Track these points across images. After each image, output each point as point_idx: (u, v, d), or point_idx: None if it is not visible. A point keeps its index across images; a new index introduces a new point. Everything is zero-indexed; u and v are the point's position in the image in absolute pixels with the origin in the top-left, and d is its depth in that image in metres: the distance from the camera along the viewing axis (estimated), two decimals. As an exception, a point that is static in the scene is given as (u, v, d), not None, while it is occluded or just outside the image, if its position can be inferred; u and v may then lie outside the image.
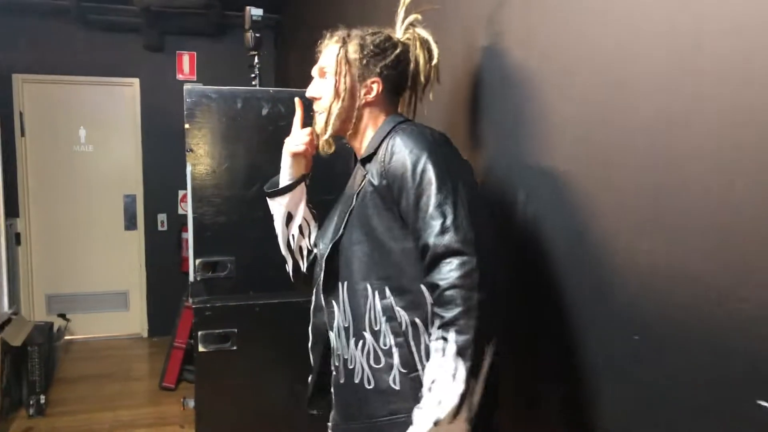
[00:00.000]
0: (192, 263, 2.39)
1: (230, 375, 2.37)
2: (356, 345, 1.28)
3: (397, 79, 1.38)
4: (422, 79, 1.41)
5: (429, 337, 1.17)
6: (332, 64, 1.35)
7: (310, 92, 1.41)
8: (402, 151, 1.21)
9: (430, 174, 1.16)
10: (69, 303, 4.90)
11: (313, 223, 1.56)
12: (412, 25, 1.41)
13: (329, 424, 1.42)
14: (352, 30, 1.38)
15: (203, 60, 5.15)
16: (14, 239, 4.63)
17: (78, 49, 4.81)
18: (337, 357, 1.36)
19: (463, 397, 1.05)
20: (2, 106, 4.25)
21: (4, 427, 3.46)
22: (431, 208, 1.14)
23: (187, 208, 4.98)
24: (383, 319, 1.23)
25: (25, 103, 4.77)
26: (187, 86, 2.32)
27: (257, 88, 2.64)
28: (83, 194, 4.96)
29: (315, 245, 1.54)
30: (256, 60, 2.68)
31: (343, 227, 1.31)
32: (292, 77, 4.39)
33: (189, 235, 2.37)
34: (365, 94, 1.35)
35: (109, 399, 3.92)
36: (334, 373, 1.38)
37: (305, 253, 1.56)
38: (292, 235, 1.55)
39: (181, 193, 5.11)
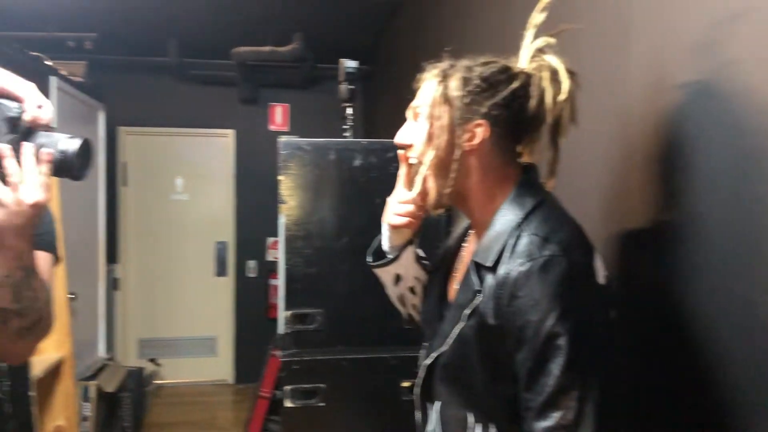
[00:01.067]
0: (282, 315, 2.36)
1: (317, 431, 2.30)
2: None
3: (512, 121, 1.07)
4: (548, 118, 1.07)
5: None
6: (427, 104, 1.09)
7: (398, 138, 1.15)
8: (527, 296, 0.95)
9: (560, 343, 0.93)
10: (160, 348, 5.02)
11: (425, 279, 1.33)
12: (541, 51, 1.09)
13: None
14: (460, 61, 1.10)
15: (295, 111, 5.29)
16: (112, 284, 4.82)
17: (178, 103, 5.06)
18: None
19: None
20: (108, 157, 4.49)
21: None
22: (551, 390, 0.93)
23: (275, 255, 5.09)
24: None
25: (127, 154, 5.04)
26: (281, 138, 2.33)
27: (349, 139, 2.64)
28: (178, 241, 5.14)
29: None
30: (349, 111, 2.68)
31: (450, 343, 1.08)
32: (382, 126, 4.41)
33: (280, 287, 2.34)
34: (466, 141, 1.06)
35: (195, 447, 3.94)
36: None
37: (419, 308, 1.36)
38: (401, 296, 1.35)
39: (269, 240, 5.19)
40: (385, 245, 1.29)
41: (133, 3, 3.65)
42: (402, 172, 1.19)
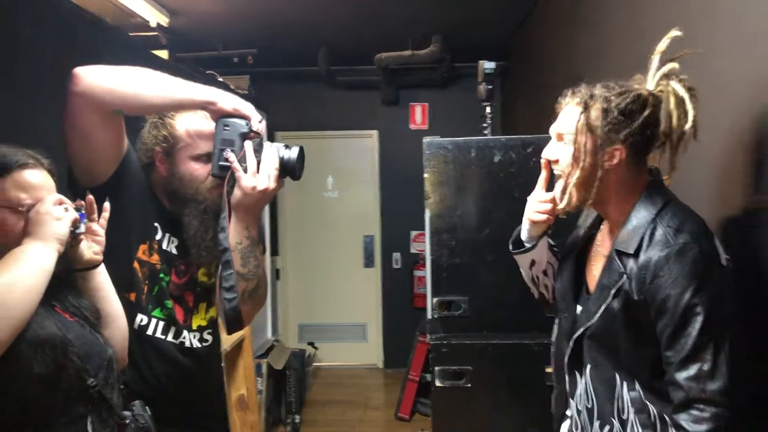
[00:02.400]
0: (429, 302, 2.54)
1: (465, 411, 2.46)
2: (601, 428, 1.31)
3: (644, 144, 1.26)
4: (674, 138, 1.26)
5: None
6: (572, 130, 1.28)
7: (547, 154, 1.36)
8: (666, 275, 1.16)
9: (697, 311, 1.14)
10: (317, 332, 5.45)
11: (556, 264, 1.57)
12: (667, 76, 1.26)
13: None
14: (595, 89, 1.28)
15: (434, 109, 5.50)
16: (275, 275, 5.33)
17: (327, 107, 5.47)
18: (575, 423, 1.40)
19: None
20: (268, 160, 4.96)
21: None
22: (690, 347, 1.14)
23: (418, 248, 5.33)
24: (632, 409, 1.25)
25: (284, 156, 5.52)
26: (425, 139, 2.52)
27: (489, 137, 2.77)
28: (330, 235, 5.55)
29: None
30: (488, 110, 2.82)
31: (597, 317, 1.28)
32: (520, 122, 4.48)
33: (427, 275, 2.53)
34: (606, 161, 1.25)
35: (351, 425, 4.29)
36: None
37: (550, 289, 1.59)
38: (536, 276, 1.59)
39: (413, 233, 5.45)
40: (524, 236, 1.52)
41: (286, 19, 4.03)
42: (543, 176, 1.44)
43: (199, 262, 1.53)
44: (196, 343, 1.58)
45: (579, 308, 1.41)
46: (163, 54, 2.79)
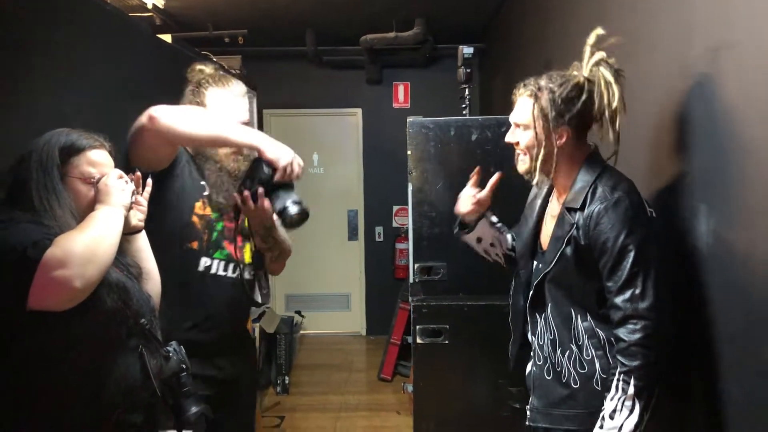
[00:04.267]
0: (411, 267, 2.80)
1: (442, 365, 2.71)
2: (563, 354, 1.62)
3: (584, 121, 1.58)
4: (606, 114, 1.55)
5: (611, 364, 1.50)
6: (527, 118, 1.58)
7: (509, 138, 1.68)
8: (606, 224, 1.47)
9: (629, 248, 1.44)
10: (303, 302, 5.71)
11: (502, 237, 1.96)
12: (597, 64, 1.55)
13: (527, 406, 1.75)
14: (541, 81, 1.58)
15: (416, 88, 5.72)
16: (263, 247, 5.54)
17: (313, 86, 5.66)
18: (541, 357, 1.70)
19: (637, 426, 1.44)
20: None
21: (258, 401, 4.24)
22: (625, 277, 1.45)
23: (400, 222, 5.59)
24: (585, 336, 1.57)
25: (271, 133, 5.71)
26: (409, 118, 2.76)
27: (467, 117, 3.01)
28: (316, 210, 5.61)
29: (512, 249, 1.93)
30: (466, 92, 3.05)
31: (554, 263, 1.60)
32: (497, 101, 4.73)
33: (409, 244, 2.78)
34: (557, 140, 1.57)
35: (337, 385, 4.57)
36: (534, 369, 1.73)
37: (501, 257, 1.98)
38: (485, 250, 1.99)
39: (395, 207, 5.71)
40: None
41: (275, 2, 4.21)
42: (473, 178, 1.91)
43: (219, 207, 1.85)
44: (247, 276, 1.90)
45: (535, 264, 1.73)
46: (167, 38, 2.97)
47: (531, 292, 1.69)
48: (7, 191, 1.39)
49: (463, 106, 3.06)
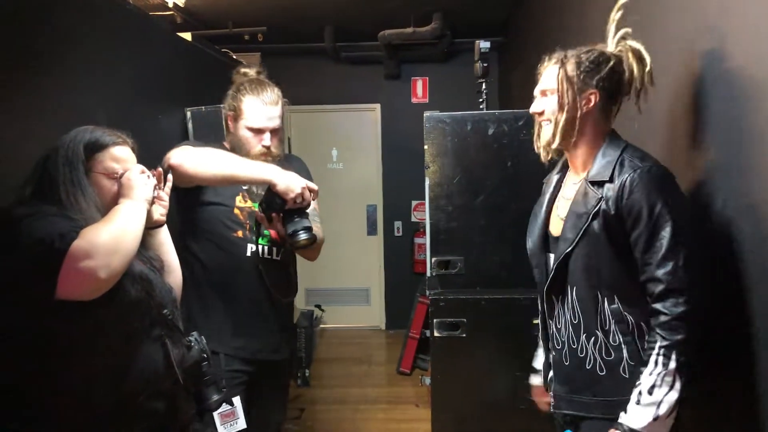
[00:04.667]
0: (429, 261, 2.81)
1: (460, 359, 2.72)
2: (588, 339, 1.56)
3: (614, 88, 1.54)
4: (638, 84, 1.54)
5: (648, 339, 1.45)
6: (554, 83, 1.55)
7: (534, 108, 1.63)
8: (641, 191, 1.42)
9: (667, 218, 1.40)
10: (323, 296, 5.77)
11: None
12: (623, 38, 1.56)
13: (551, 393, 1.72)
14: (568, 51, 1.57)
15: (434, 83, 5.73)
16: (283, 241, 5.60)
17: (332, 82, 5.70)
18: (560, 342, 1.65)
19: (678, 403, 1.39)
20: (277, 133, 5.24)
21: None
22: (665, 249, 1.40)
23: (419, 217, 5.61)
24: (613, 321, 1.51)
25: (291, 129, 5.79)
26: (426, 113, 2.77)
27: (484, 111, 3.01)
28: (335, 205, 5.81)
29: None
30: (483, 86, 3.06)
31: (576, 241, 1.53)
32: (516, 96, 4.72)
33: (426, 238, 2.80)
34: (584, 105, 1.53)
35: (356, 378, 4.62)
36: (553, 354, 1.69)
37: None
38: None
39: (414, 202, 5.73)
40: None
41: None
42: None
43: (253, 198, 2.10)
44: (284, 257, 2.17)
45: (550, 255, 1.68)
46: (187, 35, 3.02)
47: (552, 274, 1.62)
48: (35, 186, 1.44)
49: (480, 100, 3.07)
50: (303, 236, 1.93)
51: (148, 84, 2.51)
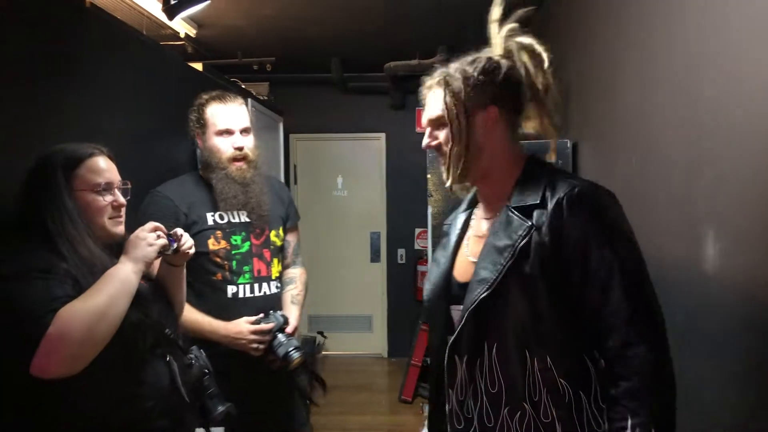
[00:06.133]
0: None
1: None
2: (511, 414, 1.20)
3: (514, 97, 1.28)
4: (539, 86, 1.27)
5: (593, 408, 1.17)
6: (441, 109, 1.26)
7: (425, 144, 1.33)
8: (582, 213, 1.15)
9: (620, 245, 1.14)
10: (325, 323, 5.78)
11: None
12: (509, 36, 1.29)
13: None
14: (449, 66, 1.30)
15: (438, 113, 5.81)
16: (287, 268, 5.65)
17: (339, 112, 5.81)
18: (464, 420, 1.28)
19: None
20: (284, 161, 5.33)
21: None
22: (620, 285, 1.12)
23: (422, 244, 5.65)
24: (544, 390, 1.17)
25: (298, 157, 5.88)
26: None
27: (486, 141, 3.09)
28: (339, 231, 5.90)
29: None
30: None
31: (496, 283, 1.19)
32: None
33: (429, 265, 2.84)
34: (484, 124, 1.25)
35: (358, 406, 4.62)
36: None
37: None
38: None
39: (417, 230, 5.78)
40: None
41: (303, 32, 4.36)
42: None
43: (242, 226, 2.11)
44: (274, 290, 2.16)
45: (455, 308, 1.32)
46: (198, 65, 3.12)
47: (459, 327, 1.25)
48: (20, 218, 1.43)
49: (483, 131, 3.15)
50: (295, 356, 2.01)
51: (160, 111, 2.59)
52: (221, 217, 2.08)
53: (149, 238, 1.50)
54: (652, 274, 1.18)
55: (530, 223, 1.20)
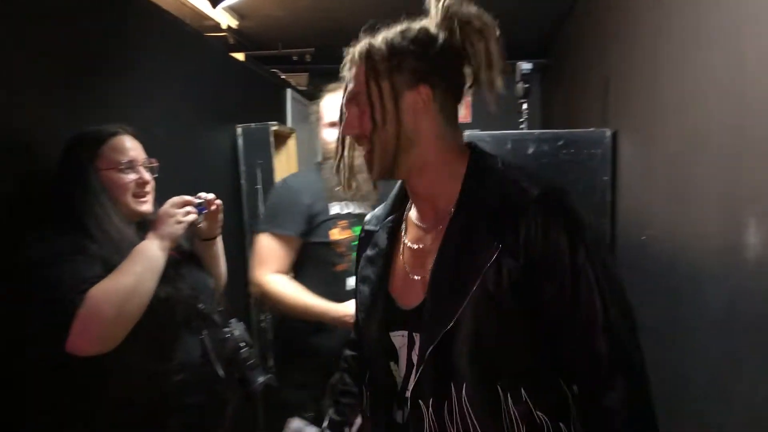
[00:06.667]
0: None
1: None
2: None
3: (452, 76, 1.07)
4: (483, 66, 1.06)
5: None
6: (363, 85, 1.06)
7: (345, 131, 1.12)
8: (557, 229, 0.98)
9: (598, 262, 0.99)
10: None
11: None
12: (450, 5, 1.07)
13: None
14: (376, 37, 1.09)
15: (477, 103, 5.74)
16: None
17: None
18: None
19: None
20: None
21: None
22: (602, 307, 0.98)
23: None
24: (523, 426, 1.02)
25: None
26: (466, 132, 2.82)
27: (524, 130, 3.06)
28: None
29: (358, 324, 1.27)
30: (524, 107, 3.11)
31: (459, 313, 0.99)
32: (557, 116, 4.75)
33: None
34: (413, 106, 1.04)
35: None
36: None
37: None
38: None
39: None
40: None
41: (341, 22, 4.38)
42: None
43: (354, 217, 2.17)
44: None
45: (395, 333, 1.12)
46: (239, 56, 3.17)
47: (421, 369, 1.03)
48: (50, 201, 1.48)
49: (521, 120, 3.12)
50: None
51: (203, 101, 2.65)
52: (343, 208, 2.16)
53: (178, 214, 1.51)
54: (695, 263, 1.17)
55: (497, 243, 0.99)
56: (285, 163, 3.49)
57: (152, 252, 1.45)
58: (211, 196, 1.64)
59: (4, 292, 1.40)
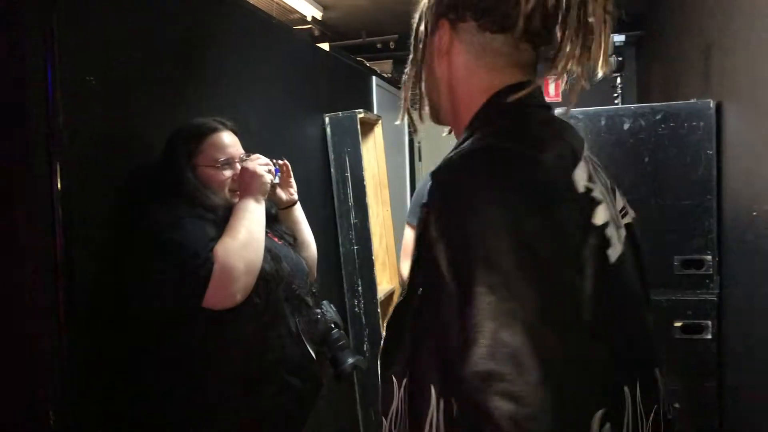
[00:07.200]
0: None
1: None
2: None
3: (481, 4, 0.83)
4: (582, 33, 0.81)
5: None
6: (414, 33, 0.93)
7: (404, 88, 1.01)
8: (436, 210, 0.75)
9: (482, 258, 0.68)
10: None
11: None
12: None
13: None
14: None
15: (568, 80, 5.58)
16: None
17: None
18: None
19: None
20: (408, 138, 5.41)
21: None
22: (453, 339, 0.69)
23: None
24: None
25: (421, 134, 5.88)
26: (556, 110, 2.73)
27: (619, 106, 2.93)
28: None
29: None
30: (618, 81, 2.98)
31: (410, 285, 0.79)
32: (655, 89, 4.51)
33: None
34: (437, 47, 0.89)
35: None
36: None
37: None
38: None
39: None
40: None
41: (425, 6, 4.36)
42: None
43: None
44: None
45: None
46: (325, 46, 3.23)
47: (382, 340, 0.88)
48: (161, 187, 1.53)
49: (615, 95, 2.99)
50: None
51: (293, 93, 2.71)
52: None
53: (260, 170, 1.55)
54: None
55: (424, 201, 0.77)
56: (372, 150, 3.52)
57: (252, 206, 1.51)
58: (285, 163, 1.73)
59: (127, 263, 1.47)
